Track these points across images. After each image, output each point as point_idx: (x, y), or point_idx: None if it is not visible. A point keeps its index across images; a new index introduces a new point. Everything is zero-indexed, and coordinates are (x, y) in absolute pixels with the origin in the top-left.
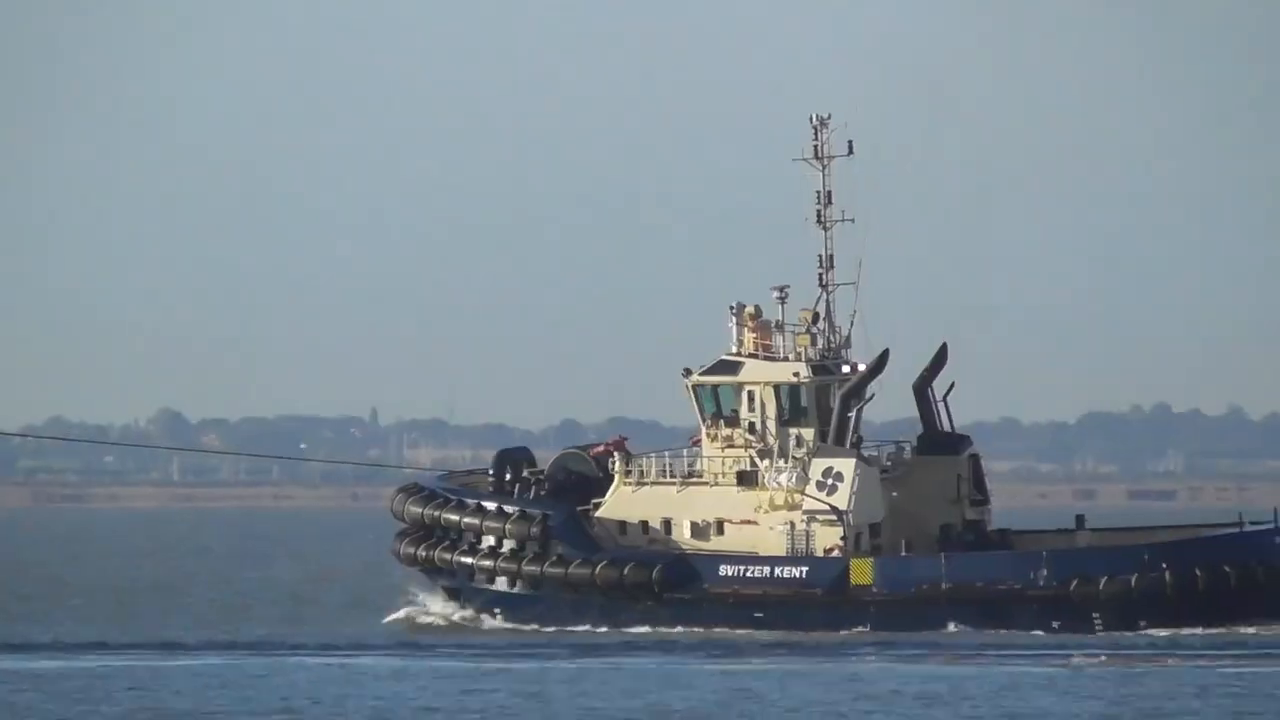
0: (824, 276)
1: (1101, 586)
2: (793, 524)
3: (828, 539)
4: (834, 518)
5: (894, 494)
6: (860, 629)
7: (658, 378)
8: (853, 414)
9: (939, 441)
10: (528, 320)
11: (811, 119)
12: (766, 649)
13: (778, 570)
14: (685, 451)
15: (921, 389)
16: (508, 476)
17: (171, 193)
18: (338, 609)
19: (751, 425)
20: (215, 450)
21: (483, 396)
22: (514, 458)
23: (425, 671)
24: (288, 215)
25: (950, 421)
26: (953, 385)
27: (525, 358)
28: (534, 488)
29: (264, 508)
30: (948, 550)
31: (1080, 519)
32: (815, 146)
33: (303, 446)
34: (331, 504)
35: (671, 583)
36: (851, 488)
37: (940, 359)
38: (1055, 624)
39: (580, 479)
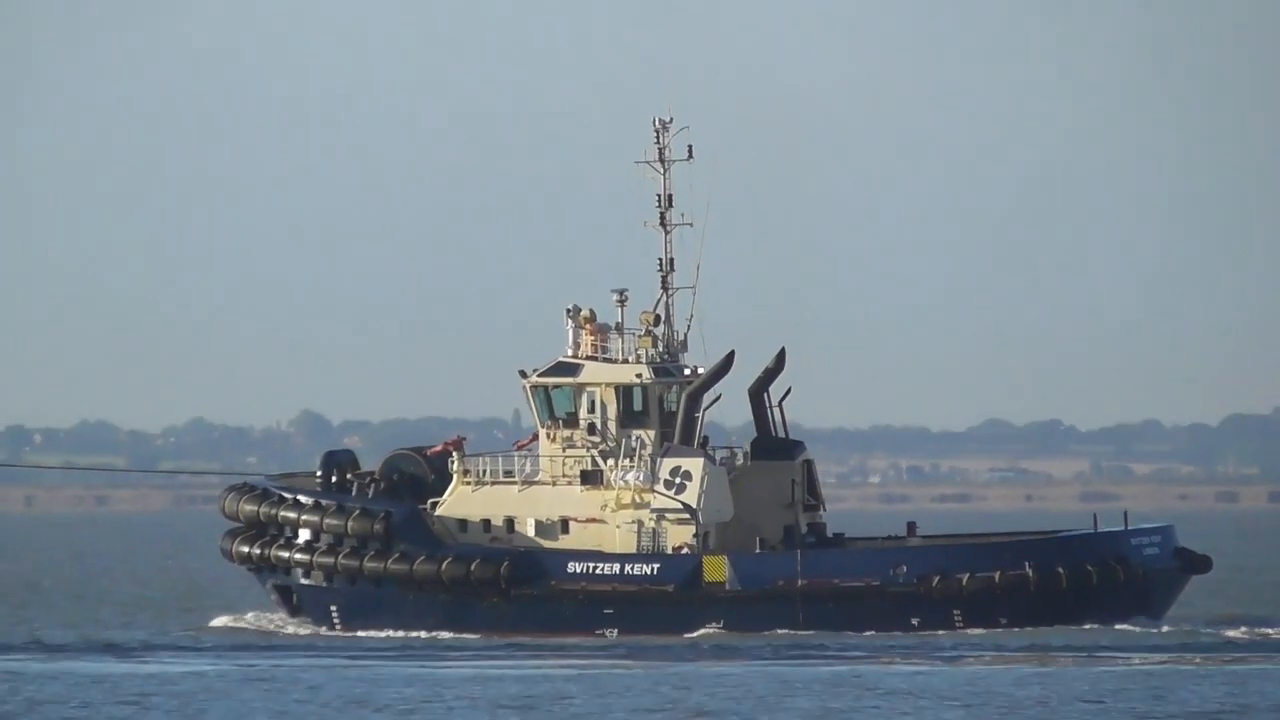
0: (666, 279)
1: (965, 583)
2: (640, 522)
3: (678, 537)
4: (686, 516)
5: None
6: (713, 626)
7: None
8: (699, 414)
9: (773, 447)
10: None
11: (654, 122)
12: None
13: (628, 567)
14: (516, 455)
15: (757, 394)
16: (334, 478)
17: (310, 195)
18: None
19: (592, 426)
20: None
21: None
22: (339, 460)
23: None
24: (428, 217)
25: (785, 427)
26: (789, 390)
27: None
28: (370, 487)
29: None
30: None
31: (911, 525)
32: (659, 149)
33: None
34: None
35: (520, 578)
36: (701, 486)
37: (778, 364)
38: (915, 621)
39: (412, 480)
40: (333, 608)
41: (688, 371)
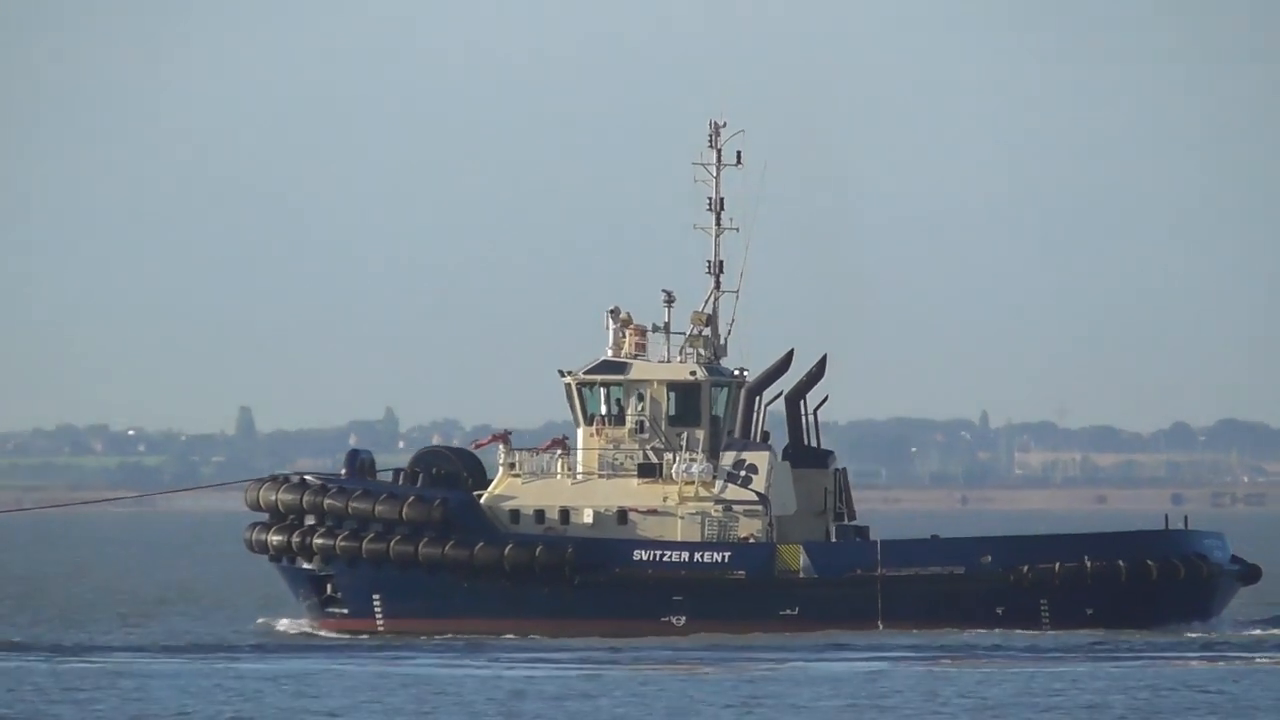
0: (718, 280)
1: (1056, 570)
2: (706, 514)
3: (746, 529)
4: (754, 507)
5: None
6: (787, 612)
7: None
8: (757, 411)
9: (806, 455)
10: (1134, 322)
11: (710, 125)
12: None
13: (698, 554)
14: (553, 453)
15: (794, 400)
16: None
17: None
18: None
19: (641, 424)
20: None
21: (1096, 398)
22: (362, 458)
23: None
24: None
25: (818, 435)
26: (825, 398)
27: (1134, 360)
28: (416, 480)
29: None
30: None
31: (935, 538)
32: (715, 151)
33: (913, 450)
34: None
35: (586, 564)
36: (767, 479)
37: (818, 372)
38: (999, 610)
39: (447, 476)
40: (375, 597)
41: (735, 373)
